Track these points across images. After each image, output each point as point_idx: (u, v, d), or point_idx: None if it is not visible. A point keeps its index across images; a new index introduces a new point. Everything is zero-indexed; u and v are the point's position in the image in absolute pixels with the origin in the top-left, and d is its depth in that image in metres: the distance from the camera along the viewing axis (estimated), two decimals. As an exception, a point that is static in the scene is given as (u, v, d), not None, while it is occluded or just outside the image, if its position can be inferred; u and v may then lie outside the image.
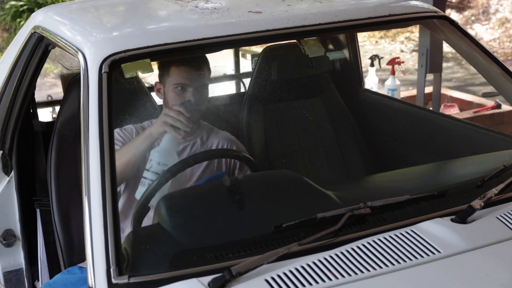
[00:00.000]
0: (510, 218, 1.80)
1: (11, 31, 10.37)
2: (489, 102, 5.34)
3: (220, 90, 3.74)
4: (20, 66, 2.58)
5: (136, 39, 2.04)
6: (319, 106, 3.15)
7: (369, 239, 1.70)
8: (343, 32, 3.18)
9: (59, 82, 6.92)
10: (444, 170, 2.36)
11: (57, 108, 3.05)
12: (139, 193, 2.09)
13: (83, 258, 2.34)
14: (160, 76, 2.41)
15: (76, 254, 2.49)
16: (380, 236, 1.72)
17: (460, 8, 10.81)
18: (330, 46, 3.38)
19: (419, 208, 1.85)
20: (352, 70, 3.38)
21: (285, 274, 1.59)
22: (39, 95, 3.23)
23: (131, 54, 1.97)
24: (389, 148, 3.11)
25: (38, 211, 2.67)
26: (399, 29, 10.08)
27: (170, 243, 1.75)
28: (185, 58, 2.35)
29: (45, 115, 3.36)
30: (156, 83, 2.43)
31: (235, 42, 2.32)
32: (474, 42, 2.43)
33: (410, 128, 3.08)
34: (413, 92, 6.13)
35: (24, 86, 2.59)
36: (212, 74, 4.07)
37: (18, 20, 10.25)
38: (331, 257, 1.64)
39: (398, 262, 1.64)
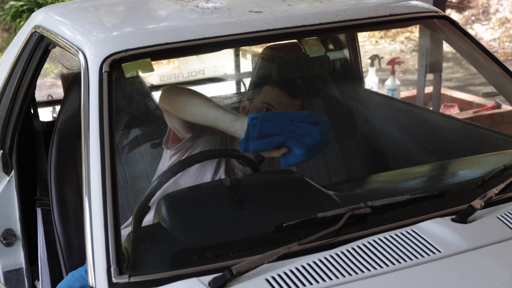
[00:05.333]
0: (511, 218, 1.81)
1: (11, 31, 10.37)
2: (489, 102, 5.35)
3: (220, 90, 3.74)
4: (21, 66, 2.59)
5: (137, 39, 2.04)
6: (319, 106, 3.15)
7: (370, 239, 1.70)
8: (344, 32, 3.18)
9: (59, 82, 6.94)
10: (444, 170, 2.36)
11: (58, 107, 3.05)
12: None
13: (83, 258, 2.35)
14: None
15: (76, 253, 2.49)
16: (381, 236, 1.72)
17: (460, 8, 10.82)
18: (331, 46, 3.38)
19: (419, 208, 1.85)
20: (352, 70, 3.38)
21: (285, 273, 1.59)
22: (39, 95, 3.23)
23: (131, 54, 1.97)
24: (389, 148, 3.11)
25: (39, 210, 2.68)
26: (399, 29, 10.08)
27: (170, 242, 1.75)
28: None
29: (45, 114, 3.36)
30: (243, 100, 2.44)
31: (235, 42, 2.33)
32: (474, 42, 2.43)
33: (410, 128, 3.08)
34: (413, 92, 6.13)
35: (25, 85, 2.59)
36: (212, 74, 4.11)
37: (18, 20, 10.26)
38: (332, 256, 1.64)
39: (399, 262, 1.64)
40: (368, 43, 10.15)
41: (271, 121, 1.90)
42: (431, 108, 5.29)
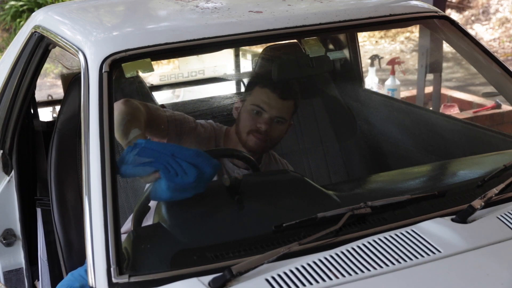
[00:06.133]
0: (511, 218, 1.81)
1: (11, 31, 10.38)
2: (489, 102, 5.35)
3: (220, 90, 3.74)
4: (21, 66, 2.59)
5: (137, 39, 2.04)
6: (319, 106, 3.15)
7: (370, 239, 1.70)
8: (344, 32, 3.18)
9: (59, 82, 6.94)
10: (444, 170, 2.36)
11: (58, 107, 3.05)
12: None
13: (83, 258, 2.35)
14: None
15: (76, 253, 2.49)
16: (381, 236, 1.72)
17: (460, 8, 10.82)
18: (331, 46, 3.38)
19: (419, 208, 1.85)
20: (352, 70, 3.38)
21: (285, 273, 1.59)
22: (39, 95, 3.23)
23: (131, 54, 1.97)
24: (389, 148, 3.11)
25: (39, 210, 2.67)
26: (399, 29, 10.08)
27: (170, 242, 1.75)
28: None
29: (45, 114, 3.36)
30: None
31: (235, 42, 2.33)
32: (474, 42, 2.43)
33: (410, 128, 3.08)
34: (413, 92, 6.13)
35: (25, 85, 2.59)
36: (212, 74, 4.12)
37: (18, 20, 10.26)
38: (332, 256, 1.64)
39: (399, 262, 1.64)
40: (368, 43, 10.15)
41: (151, 150, 1.81)
42: (431, 108, 5.29)
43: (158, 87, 3.87)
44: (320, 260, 1.63)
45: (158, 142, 1.93)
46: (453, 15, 10.66)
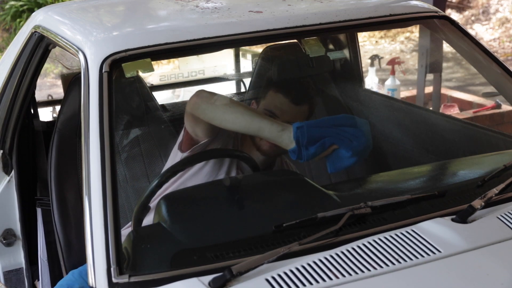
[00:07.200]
0: (511, 218, 1.81)
1: (11, 31, 10.38)
2: (489, 102, 5.35)
3: (220, 90, 3.74)
4: (21, 66, 2.59)
5: (137, 39, 2.04)
6: (319, 106, 3.15)
7: (370, 239, 1.70)
8: (344, 32, 3.18)
9: (59, 82, 6.94)
10: (444, 170, 2.36)
11: (58, 107, 3.05)
12: None
13: (83, 258, 2.34)
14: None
15: (76, 253, 2.49)
16: (381, 236, 1.72)
17: (460, 8, 10.82)
18: (331, 46, 3.38)
19: (419, 208, 1.85)
20: (352, 70, 3.38)
21: (285, 273, 1.59)
22: (39, 95, 3.23)
23: (131, 54, 1.97)
24: (389, 148, 3.11)
25: (39, 210, 2.68)
26: (399, 29, 10.08)
27: (170, 242, 1.75)
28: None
29: (45, 114, 3.36)
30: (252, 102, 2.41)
31: (236, 42, 2.33)
32: (474, 42, 2.43)
33: (410, 128, 3.08)
34: (413, 92, 6.14)
35: (25, 85, 2.59)
36: (212, 74, 4.12)
37: (18, 20, 10.27)
38: (332, 256, 1.64)
39: (399, 262, 1.64)
40: (368, 43, 10.16)
41: (316, 127, 1.94)
42: (431, 108, 5.30)
43: (158, 87, 3.87)
44: (320, 260, 1.63)
45: (313, 120, 2.05)
46: (453, 15, 10.66)
